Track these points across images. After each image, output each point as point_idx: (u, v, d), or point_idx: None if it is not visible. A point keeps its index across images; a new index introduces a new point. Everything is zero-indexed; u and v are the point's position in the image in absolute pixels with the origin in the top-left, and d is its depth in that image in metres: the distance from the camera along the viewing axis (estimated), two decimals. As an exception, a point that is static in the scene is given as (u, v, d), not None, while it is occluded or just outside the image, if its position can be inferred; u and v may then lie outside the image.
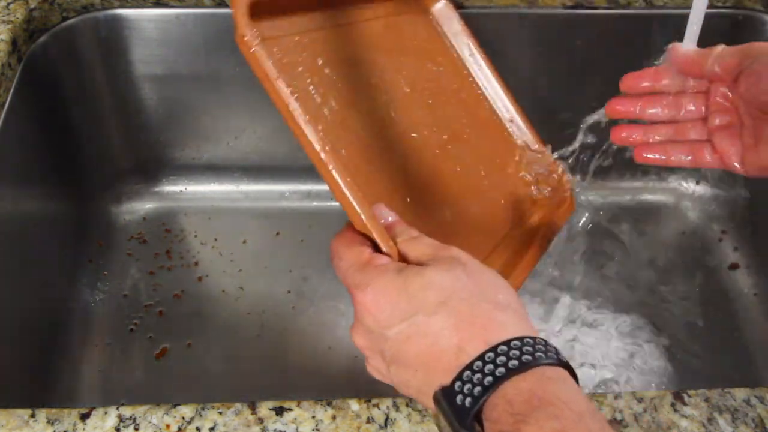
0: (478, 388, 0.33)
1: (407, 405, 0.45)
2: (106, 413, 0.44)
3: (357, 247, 0.40)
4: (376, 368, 0.40)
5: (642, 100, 0.53)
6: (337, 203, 0.41)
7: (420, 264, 0.39)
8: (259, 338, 0.76)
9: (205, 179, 0.89)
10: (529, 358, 0.33)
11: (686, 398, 0.46)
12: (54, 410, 0.44)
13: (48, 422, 0.43)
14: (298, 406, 0.44)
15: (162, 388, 0.72)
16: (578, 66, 0.80)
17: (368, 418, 0.44)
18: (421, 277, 0.37)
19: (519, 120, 0.66)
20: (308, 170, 0.89)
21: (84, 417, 0.43)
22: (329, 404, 0.44)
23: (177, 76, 0.79)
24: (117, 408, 0.44)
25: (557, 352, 0.35)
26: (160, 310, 0.77)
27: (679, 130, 0.53)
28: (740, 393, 0.46)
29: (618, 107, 0.54)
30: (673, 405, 0.45)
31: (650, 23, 0.77)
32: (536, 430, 0.31)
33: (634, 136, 0.55)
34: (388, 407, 0.44)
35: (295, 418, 0.44)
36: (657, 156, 0.54)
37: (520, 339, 0.34)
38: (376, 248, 0.41)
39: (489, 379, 0.33)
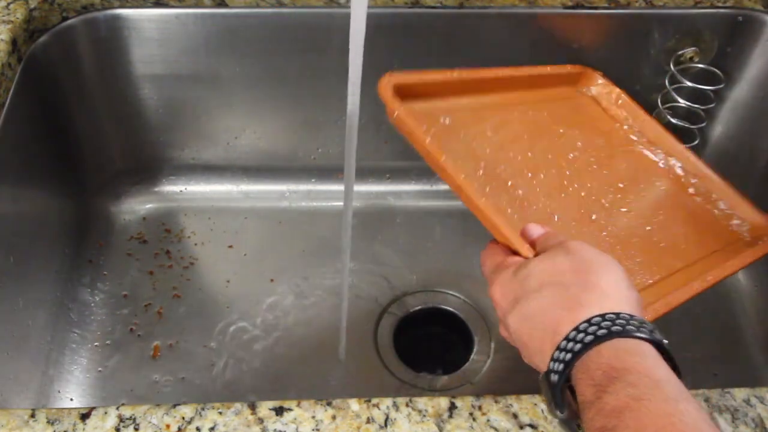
0: (560, 365, 0.37)
1: (407, 405, 0.45)
2: (106, 413, 0.44)
3: (494, 255, 0.47)
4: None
5: None
6: (337, 203, 0.43)
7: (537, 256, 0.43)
8: (259, 338, 0.76)
9: (205, 179, 0.89)
10: (605, 332, 0.36)
11: (686, 398, 0.46)
12: (54, 410, 0.44)
13: (48, 422, 0.43)
14: (298, 406, 0.44)
15: (162, 388, 0.72)
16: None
17: (368, 418, 0.44)
18: (525, 267, 0.42)
19: (702, 168, 0.69)
20: (308, 170, 0.89)
21: (84, 417, 0.43)
22: (329, 404, 0.44)
23: (177, 76, 0.79)
24: (117, 408, 0.44)
25: (640, 325, 0.37)
26: (160, 310, 0.77)
27: None
28: (740, 393, 0.46)
29: None
30: (673, 405, 0.45)
31: (650, 23, 0.77)
32: (614, 399, 0.33)
33: None
34: (388, 407, 0.44)
35: (295, 418, 0.44)
36: None
37: (602, 315, 0.37)
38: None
39: (568, 355, 0.36)
